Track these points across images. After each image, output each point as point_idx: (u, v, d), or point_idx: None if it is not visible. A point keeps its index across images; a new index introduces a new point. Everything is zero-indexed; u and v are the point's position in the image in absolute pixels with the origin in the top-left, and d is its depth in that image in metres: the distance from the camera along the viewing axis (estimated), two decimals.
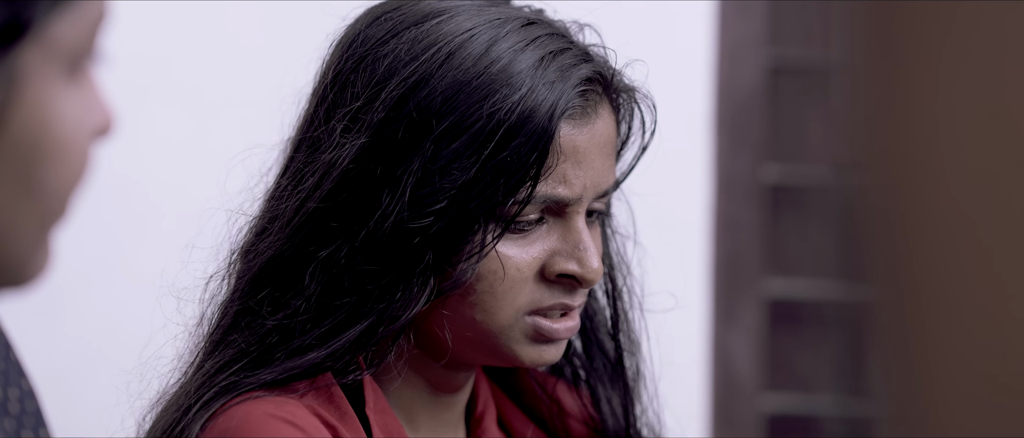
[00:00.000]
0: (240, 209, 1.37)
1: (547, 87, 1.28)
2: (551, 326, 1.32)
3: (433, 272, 1.28)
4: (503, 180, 1.27)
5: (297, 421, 1.27)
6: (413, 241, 1.27)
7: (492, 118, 1.26)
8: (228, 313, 1.33)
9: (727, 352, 2.57)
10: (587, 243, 1.32)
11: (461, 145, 1.26)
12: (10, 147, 0.80)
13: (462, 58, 1.28)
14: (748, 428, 2.57)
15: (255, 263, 1.32)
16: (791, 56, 2.54)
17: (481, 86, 1.27)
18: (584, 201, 1.31)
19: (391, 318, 1.28)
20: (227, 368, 1.30)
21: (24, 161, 0.81)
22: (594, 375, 1.47)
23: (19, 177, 0.81)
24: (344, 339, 1.28)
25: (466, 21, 1.30)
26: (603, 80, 1.32)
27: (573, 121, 1.30)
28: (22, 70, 0.80)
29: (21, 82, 0.80)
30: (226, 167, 1.37)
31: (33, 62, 0.80)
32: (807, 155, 2.55)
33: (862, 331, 0.60)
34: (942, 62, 0.54)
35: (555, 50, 1.30)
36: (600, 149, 1.31)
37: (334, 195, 1.28)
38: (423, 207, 1.27)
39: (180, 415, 1.30)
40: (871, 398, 0.61)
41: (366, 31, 1.32)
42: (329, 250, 1.28)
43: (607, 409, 1.47)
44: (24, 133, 0.80)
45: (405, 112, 1.27)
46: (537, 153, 1.27)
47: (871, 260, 0.57)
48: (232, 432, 1.27)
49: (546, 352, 1.34)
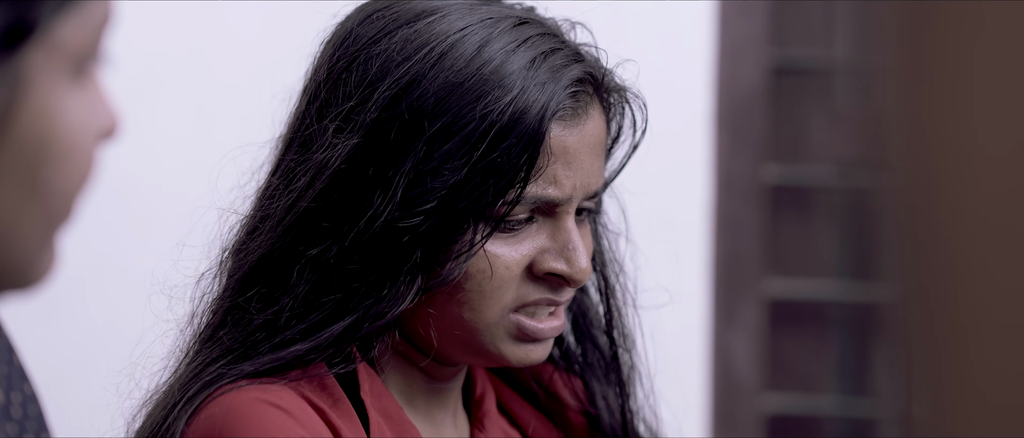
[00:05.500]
0: (231, 207, 1.37)
1: (538, 88, 1.28)
2: (535, 326, 1.33)
3: (420, 270, 1.28)
4: (493, 181, 1.27)
5: (284, 404, 1.28)
6: (402, 240, 1.27)
7: (484, 119, 1.26)
8: (218, 311, 1.34)
9: (727, 352, 2.56)
10: (576, 242, 1.32)
11: (453, 146, 1.26)
12: (15, 149, 0.80)
13: (454, 58, 1.28)
14: (748, 428, 2.57)
15: (245, 262, 1.32)
16: (792, 56, 2.54)
17: (473, 87, 1.27)
18: (574, 201, 1.32)
19: (376, 315, 1.28)
20: (213, 363, 1.31)
21: (29, 163, 0.81)
22: (589, 371, 1.47)
23: (24, 179, 0.81)
24: (328, 333, 1.29)
25: (458, 20, 1.30)
26: (594, 80, 1.33)
27: (563, 122, 1.30)
28: (27, 72, 0.79)
29: (26, 84, 0.79)
30: (218, 165, 1.37)
31: (38, 64, 0.80)
32: (808, 155, 2.55)
33: (867, 331, 0.60)
34: (963, 62, 0.54)
35: (546, 50, 1.30)
36: (590, 150, 1.32)
37: (325, 195, 1.28)
38: (413, 207, 1.27)
39: (166, 412, 1.30)
40: (876, 398, 0.61)
41: (358, 29, 1.32)
42: (319, 249, 1.28)
43: (602, 404, 1.47)
44: (29, 135, 0.80)
45: (397, 113, 1.27)
46: (528, 154, 1.27)
47: (885, 260, 0.57)
48: (219, 420, 1.27)
49: (533, 351, 1.34)
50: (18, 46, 0.79)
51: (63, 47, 0.81)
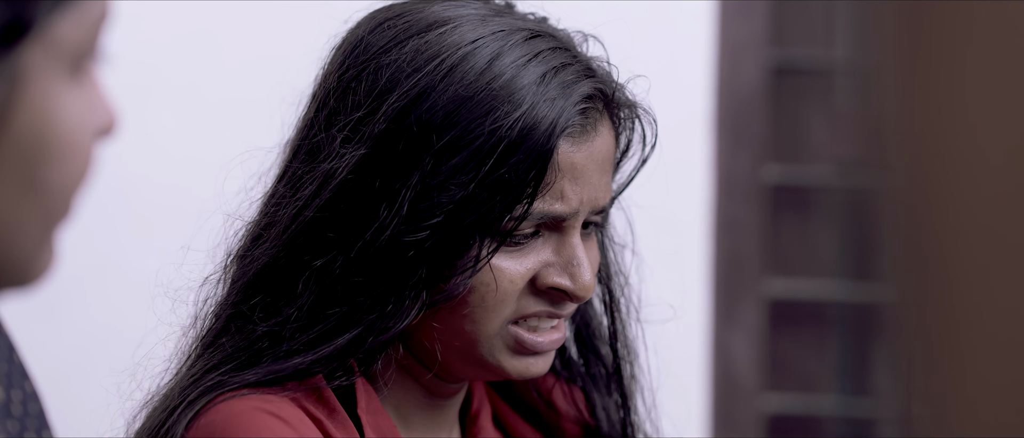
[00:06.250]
0: (237, 213, 1.36)
1: (548, 104, 1.27)
2: (534, 339, 1.32)
3: (425, 286, 1.28)
4: (500, 196, 1.26)
5: (283, 415, 1.27)
6: (408, 254, 1.26)
7: (493, 135, 1.25)
8: (221, 317, 1.33)
9: (727, 352, 2.56)
10: (581, 258, 1.31)
11: (461, 160, 1.26)
12: (13, 147, 0.80)
13: (464, 72, 1.27)
14: (748, 428, 2.57)
15: (250, 269, 1.31)
16: (792, 56, 2.54)
17: (482, 101, 1.26)
18: (580, 216, 1.31)
19: (381, 329, 1.28)
20: (214, 370, 1.30)
21: (27, 161, 0.81)
22: (590, 382, 1.47)
23: (22, 177, 0.81)
24: (332, 346, 1.28)
25: (470, 33, 1.29)
26: (604, 96, 1.32)
27: (572, 138, 1.29)
28: (25, 70, 0.79)
29: (24, 82, 0.79)
30: (223, 167, 1.37)
31: (36, 62, 0.80)
32: (808, 155, 2.55)
33: (867, 331, 0.60)
34: (962, 63, 0.54)
35: (557, 65, 1.29)
36: (598, 166, 1.31)
37: (331, 205, 1.28)
38: (420, 221, 1.26)
39: (166, 415, 1.30)
40: (876, 398, 0.61)
41: (368, 37, 1.31)
42: (324, 260, 1.28)
43: (603, 416, 1.47)
44: (27, 133, 0.80)
45: (406, 125, 1.26)
46: (535, 170, 1.26)
47: (884, 260, 0.57)
48: (219, 426, 1.27)
49: (533, 365, 1.33)
50: (16, 43, 0.79)
51: (61, 44, 0.81)
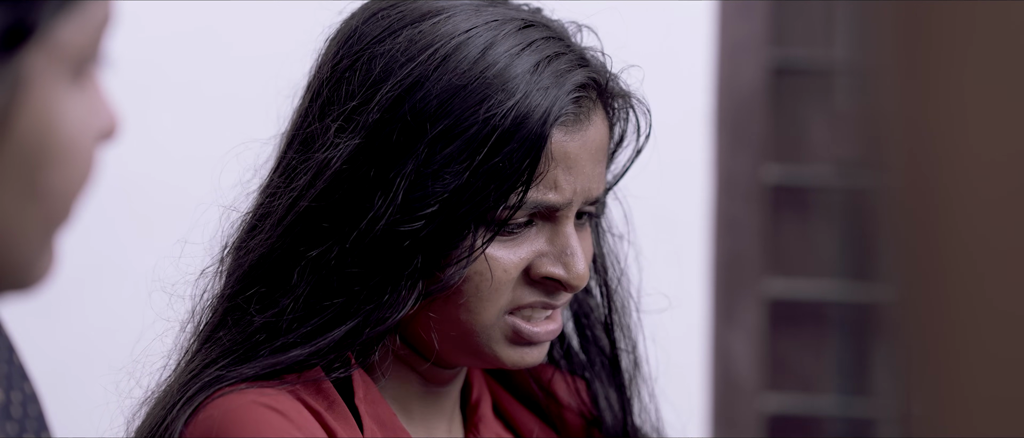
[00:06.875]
0: (234, 205, 1.36)
1: (541, 93, 1.27)
2: (531, 329, 1.32)
3: (421, 275, 1.28)
4: (494, 185, 1.26)
5: (281, 408, 1.27)
6: (403, 244, 1.27)
7: (487, 123, 1.26)
8: (217, 310, 1.33)
9: (727, 352, 2.56)
10: (574, 248, 1.31)
11: (455, 149, 1.26)
12: (15, 150, 0.80)
13: (458, 61, 1.27)
14: (748, 428, 2.57)
15: (245, 260, 1.32)
16: (792, 56, 2.54)
17: (476, 90, 1.27)
18: (573, 206, 1.31)
19: (378, 320, 1.28)
20: (213, 364, 1.31)
21: (29, 164, 0.81)
22: (591, 372, 1.47)
23: (24, 180, 0.81)
24: (329, 338, 1.29)
25: (463, 22, 1.29)
26: (598, 85, 1.32)
27: (566, 127, 1.29)
28: (27, 73, 0.79)
29: (26, 85, 0.79)
30: (220, 161, 1.37)
31: (38, 65, 0.80)
32: (808, 155, 2.55)
33: (867, 331, 0.60)
34: (962, 63, 0.54)
35: (551, 55, 1.29)
36: (591, 155, 1.31)
37: (326, 195, 1.28)
38: (415, 210, 1.26)
39: (165, 412, 1.30)
40: (876, 398, 0.61)
41: (362, 28, 1.32)
42: (319, 250, 1.28)
43: (605, 405, 1.47)
44: (29, 136, 0.80)
45: (400, 114, 1.27)
46: (529, 159, 1.27)
47: (884, 260, 0.57)
48: (217, 421, 1.27)
49: (528, 354, 1.34)
50: (18, 47, 0.79)
51: (63, 48, 0.81)
